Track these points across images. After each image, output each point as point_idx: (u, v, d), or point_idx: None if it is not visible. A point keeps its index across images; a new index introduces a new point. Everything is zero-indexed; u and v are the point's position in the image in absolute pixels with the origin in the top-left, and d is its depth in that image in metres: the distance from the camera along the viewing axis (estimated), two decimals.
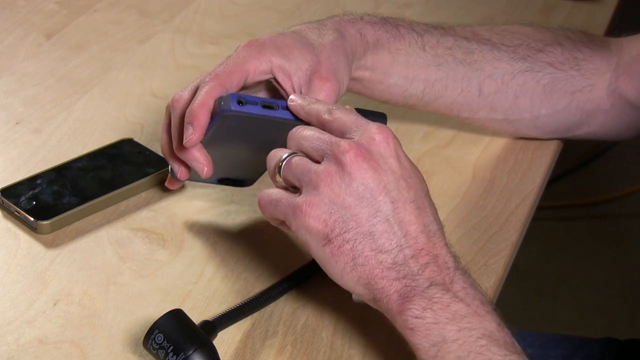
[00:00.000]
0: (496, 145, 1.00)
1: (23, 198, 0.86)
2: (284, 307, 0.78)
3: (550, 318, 1.97)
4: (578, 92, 0.93)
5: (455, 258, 0.68)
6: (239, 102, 0.76)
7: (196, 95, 0.79)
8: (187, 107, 0.78)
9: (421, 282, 0.65)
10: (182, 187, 0.91)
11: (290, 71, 0.80)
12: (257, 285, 0.80)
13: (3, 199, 0.86)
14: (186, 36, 1.18)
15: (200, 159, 0.80)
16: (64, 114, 1.01)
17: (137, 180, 0.89)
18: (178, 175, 0.83)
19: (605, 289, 2.08)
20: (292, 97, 0.77)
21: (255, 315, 0.77)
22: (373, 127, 0.69)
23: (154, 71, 1.10)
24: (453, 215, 0.90)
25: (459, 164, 0.97)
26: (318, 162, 0.69)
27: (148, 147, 0.94)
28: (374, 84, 0.89)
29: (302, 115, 0.76)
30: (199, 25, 1.21)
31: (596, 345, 1.10)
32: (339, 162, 0.67)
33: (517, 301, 1.94)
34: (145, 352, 0.72)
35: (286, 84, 0.81)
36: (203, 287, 0.80)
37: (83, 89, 1.06)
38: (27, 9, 1.21)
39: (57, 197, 0.86)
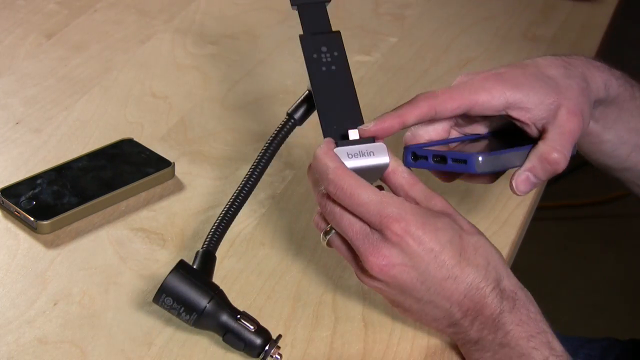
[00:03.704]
0: None
1: (23, 198, 0.86)
2: (284, 307, 0.78)
3: (550, 318, 1.96)
4: None
5: (502, 296, 0.70)
6: (413, 157, 0.75)
7: (406, 103, 0.75)
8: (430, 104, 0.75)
9: (472, 336, 0.71)
10: (182, 187, 0.91)
11: (528, 105, 0.75)
12: (257, 284, 0.80)
13: (3, 199, 0.86)
14: (186, 36, 1.18)
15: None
16: (64, 114, 1.01)
17: (137, 180, 0.89)
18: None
19: (605, 289, 2.08)
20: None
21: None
22: (386, 229, 0.68)
23: (154, 71, 1.10)
24: None
25: None
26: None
27: (148, 147, 0.94)
28: (589, 135, 0.85)
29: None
30: (199, 25, 1.21)
31: (597, 346, 1.10)
32: (372, 277, 0.70)
33: None
34: (145, 352, 0.72)
35: (523, 117, 0.76)
36: None
37: (83, 89, 1.06)
38: (27, 9, 1.21)
39: (57, 197, 0.86)
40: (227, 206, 0.78)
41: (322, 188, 0.71)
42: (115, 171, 0.90)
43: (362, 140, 0.72)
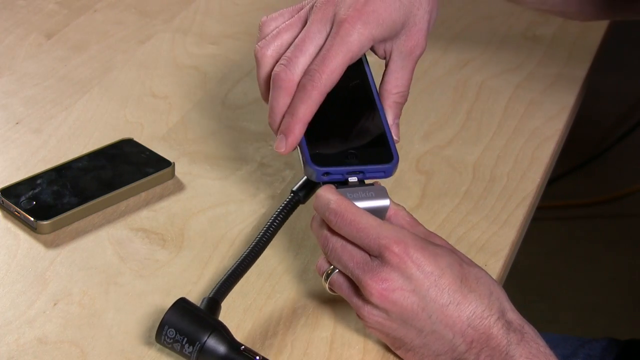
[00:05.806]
0: (496, 145, 1.00)
1: (23, 198, 0.86)
2: (284, 307, 0.78)
3: (550, 318, 1.97)
4: None
5: (509, 327, 0.69)
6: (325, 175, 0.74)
7: (298, 101, 0.75)
8: (293, 90, 0.75)
9: None
10: (182, 187, 0.91)
11: (388, 38, 0.80)
12: (257, 284, 0.80)
13: (3, 199, 0.86)
14: (186, 36, 1.18)
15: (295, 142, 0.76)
16: (64, 114, 1.01)
17: (137, 180, 0.89)
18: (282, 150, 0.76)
19: (605, 289, 2.08)
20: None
21: (255, 314, 0.77)
22: (385, 251, 0.69)
23: (154, 71, 1.10)
24: (453, 215, 0.90)
25: (459, 164, 0.97)
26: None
27: (148, 147, 0.94)
28: None
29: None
30: (199, 25, 1.21)
31: (597, 346, 1.10)
32: (372, 304, 0.70)
33: (517, 301, 1.93)
34: (145, 352, 0.72)
35: (379, 50, 0.81)
36: (203, 287, 0.80)
37: (83, 89, 1.06)
38: (27, 9, 1.21)
39: (57, 197, 0.86)
40: (241, 259, 0.75)
41: (325, 231, 0.72)
42: (115, 171, 0.90)
43: (361, 183, 0.73)
